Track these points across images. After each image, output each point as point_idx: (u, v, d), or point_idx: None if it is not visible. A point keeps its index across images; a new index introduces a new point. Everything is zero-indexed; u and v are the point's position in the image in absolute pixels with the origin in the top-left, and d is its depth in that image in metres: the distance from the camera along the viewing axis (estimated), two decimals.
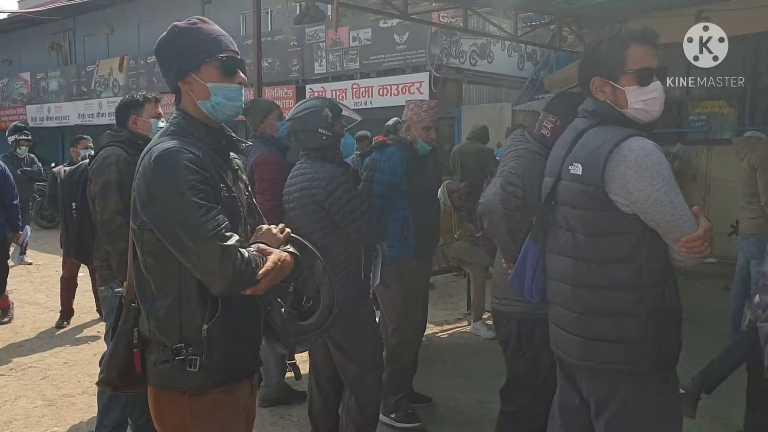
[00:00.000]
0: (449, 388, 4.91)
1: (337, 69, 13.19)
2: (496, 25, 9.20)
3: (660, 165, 2.17)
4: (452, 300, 7.61)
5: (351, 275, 3.54)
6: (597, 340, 2.30)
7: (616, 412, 2.30)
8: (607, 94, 2.33)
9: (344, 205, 3.46)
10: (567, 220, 2.37)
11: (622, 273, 2.23)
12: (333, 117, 3.60)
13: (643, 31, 2.37)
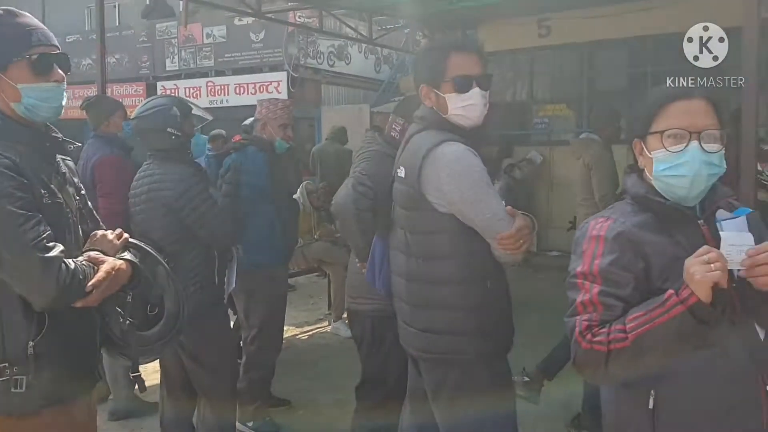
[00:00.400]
0: (308, 390, 4.88)
1: (191, 66, 12.78)
2: (351, 27, 9.28)
3: (471, 168, 2.29)
4: (313, 301, 7.58)
5: (204, 280, 3.41)
6: (427, 331, 2.41)
7: (449, 399, 2.43)
8: (432, 100, 2.43)
9: (195, 207, 3.33)
10: (400, 219, 2.49)
11: (445, 268, 2.35)
12: (182, 116, 3.45)
13: (463, 40, 2.51)
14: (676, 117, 1.69)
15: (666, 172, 1.69)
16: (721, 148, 1.69)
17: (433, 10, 8.31)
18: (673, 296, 1.54)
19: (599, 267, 1.67)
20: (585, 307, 1.66)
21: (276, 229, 4.03)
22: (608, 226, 1.73)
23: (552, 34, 9.10)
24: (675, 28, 7.87)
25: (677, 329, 1.53)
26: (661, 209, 1.72)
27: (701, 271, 1.50)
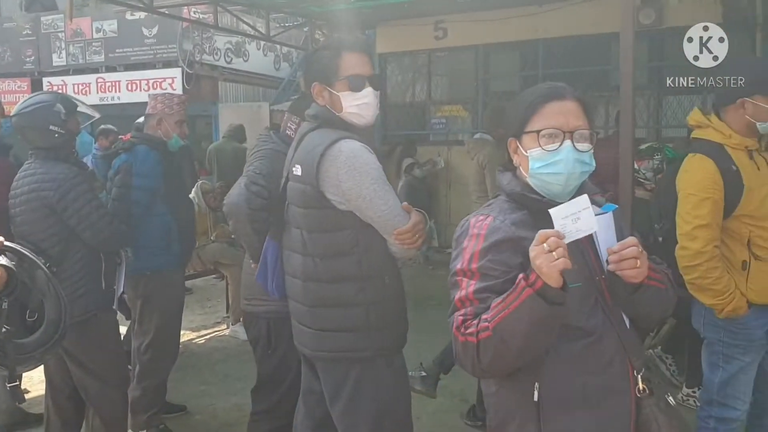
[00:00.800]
0: (205, 394, 4.79)
1: (79, 61, 12.18)
2: (248, 24, 9.14)
3: (368, 165, 2.33)
4: (211, 304, 7.42)
5: (89, 285, 3.29)
6: (325, 330, 2.43)
7: (349, 398, 2.44)
8: (325, 99, 2.45)
9: (79, 208, 3.19)
10: (296, 218, 2.48)
11: (343, 266, 2.38)
12: (66, 113, 3.30)
13: (355, 41, 2.54)
14: (551, 117, 1.75)
15: (542, 170, 1.75)
16: (590, 147, 1.77)
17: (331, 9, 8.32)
18: (521, 281, 1.60)
19: (477, 263, 1.72)
20: (462, 302, 1.70)
21: (172, 232, 3.91)
22: (487, 224, 1.76)
23: (448, 36, 9.31)
24: (563, 32, 8.34)
25: (530, 312, 1.57)
26: (536, 206, 1.76)
27: (546, 263, 1.55)
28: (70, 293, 3.20)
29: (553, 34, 8.49)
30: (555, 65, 8.72)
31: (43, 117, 3.25)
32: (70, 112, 3.34)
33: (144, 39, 11.48)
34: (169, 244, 3.91)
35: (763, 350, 2.93)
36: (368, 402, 2.43)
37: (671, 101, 8.42)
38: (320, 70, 2.46)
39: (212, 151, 9.07)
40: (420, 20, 9.06)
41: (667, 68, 8.31)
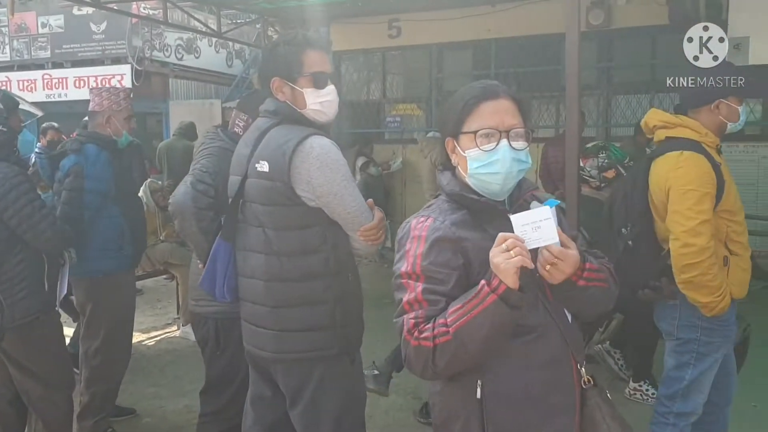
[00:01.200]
0: (155, 397, 4.70)
1: (24, 57, 11.84)
2: (199, 20, 9.00)
3: (339, 162, 2.33)
4: (161, 305, 7.29)
5: (31, 287, 3.19)
6: (288, 331, 2.39)
7: (311, 399, 2.41)
8: (286, 94, 2.42)
9: (20, 208, 3.09)
10: (257, 217, 2.41)
11: (311, 263, 2.35)
12: (7, 111, 3.19)
13: (318, 38, 2.51)
14: (486, 117, 1.75)
15: (480, 170, 1.76)
16: (526, 145, 1.78)
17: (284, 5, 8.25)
18: (485, 286, 1.61)
19: (421, 266, 1.71)
20: (411, 305, 1.70)
21: (125, 234, 3.80)
22: (428, 225, 1.76)
23: (402, 35, 9.33)
24: (515, 32, 8.43)
25: (492, 317, 1.60)
26: (475, 206, 1.78)
27: (503, 260, 1.58)
28: (11, 295, 3.13)
29: (505, 34, 8.58)
30: (507, 65, 8.82)
31: None
32: (11, 110, 3.23)
33: (92, 35, 11.23)
34: (122, 246, 3.80)
35: (732, 344, 2.99)
36: (331, 401, 2.41)
37: (620, 101, 8.59)
38: (282, 66, 2.42)
39: (162, 149, 8.91)
40: (374, 18, 9.05)
41: (616, 68, 8.49)
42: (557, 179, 5.95)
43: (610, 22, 7.95)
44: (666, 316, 2.95)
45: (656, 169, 2.84)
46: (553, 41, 7.98)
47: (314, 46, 2.44)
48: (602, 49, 8.47)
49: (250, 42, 10.59)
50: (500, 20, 8.40)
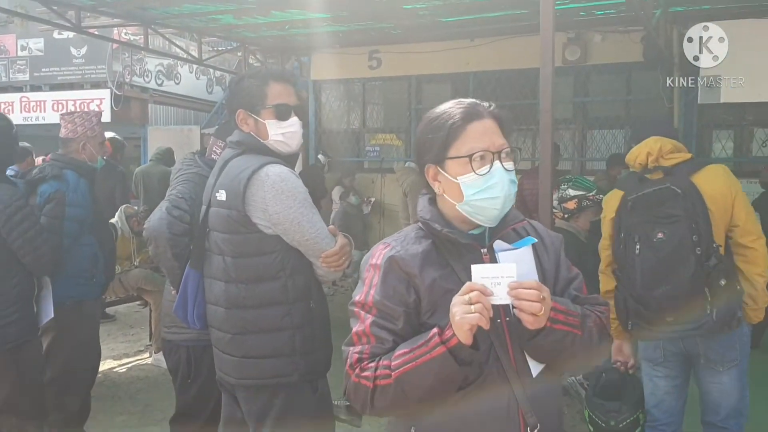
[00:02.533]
0: (125, 425, 4.62)
1: (2, 80, 11.77)
2: (180, 47, 9.04)
3: (296, 189, 2.35)
4: (134, 331, 7.18)
5: (23, 310, 3.21)
6: (249, 357, 2.40)
7: (273, 425, 2.40)
8: (250, 126, 2.48)
9: (24, 231, 3.12)
10: (218, 245, 2.45)
11: (269, 291, 2.37)
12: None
13: (282, 72, 2.58)
14: (476, 139, 1.64)
15: (478, 196, 1.62)
16: (515, 165, 1.68)
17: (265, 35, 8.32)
18: (435, 336, 1.50)
19: (373, 298, 1.62)
20: (359, 338, 1.62)
21: (98, 263, 3.76)
22: (385, 254, 1.66)
23: (383, 66, 9.43)
24: (493, 66, 8.57)
25: (438, 369, 1.49)
26: (439, 236, 1.66)
27: (460, 313, 1.45)
28: (5, 317, 3.12)
29: (483, 68, 8.71)
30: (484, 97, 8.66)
31: (11, 134, 3.23)
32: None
33: (72, 59, 11.21)
34: (94, 274, 3.75)
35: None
36: (292, 429, 2.40)
37: (595, 135, 8.73)
38: (246, 98, 2.48)
39: (139, 174, 8.84)
40: (355, 49, 9.15)
41: (591, 103, 8.64)
42: (532, 210, 6.02)
43: (587, 58, 8.11)
44: (729, 343, 2.92)
45: (708, 180, 2.86)
46: (531, 75, 8.10)
47: (278, 78, 2.50)
48: (578, 84, 8.63)
49: (231, 69, 10.64)
50: (479, 54, 8.54)
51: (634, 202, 2.91)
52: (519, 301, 1.49)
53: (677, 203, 2.80)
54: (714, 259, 2.76)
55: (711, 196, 2.82)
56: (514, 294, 1.49)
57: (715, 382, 2.99)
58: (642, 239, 2.85)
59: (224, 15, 6.96)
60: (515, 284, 1.49)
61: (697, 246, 2.76)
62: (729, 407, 3.00)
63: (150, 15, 6.99)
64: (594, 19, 7.46)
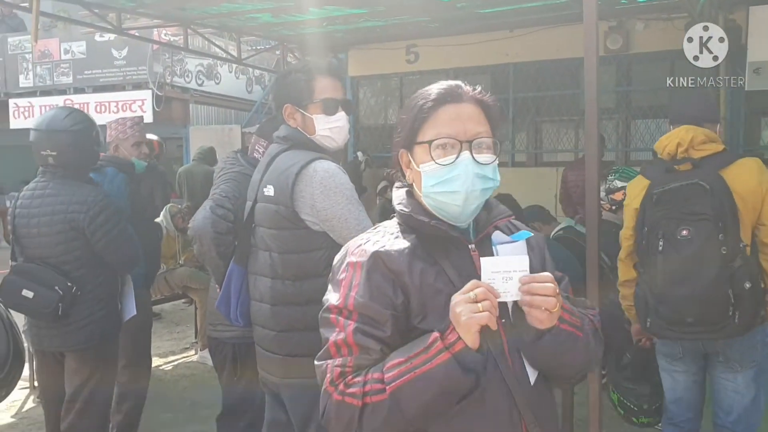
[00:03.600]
0: (172, 423, 4.68)
1: (47, 83, 12.03)
2: (219, 47, 9.11)
3: (343, 185, 2.33)
4: (179, 329, 7.29)
5: (109, 307, 3.31)
6: (294, 356, 2.37)
7: (319, 426, 2.37)
8: (297, 120, 2.46)
9: (108, 231, 3.21)
10: (264, 241, 2.44)
11: (316, 287, 2.33)
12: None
13: (329, 65, 2.54)
14: (445, 124, 1.48)
15: (437, 189, 1.47)
16: (494, 158, 1.50)
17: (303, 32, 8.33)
18: (437, 341, 1.33)
19: (355, 300, 1.43)
20: (339, 348, 1.41)
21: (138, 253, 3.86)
22: (366, 250, 1.47)
23: (420, 60, 9.36)
24: (533, 57, 8.44)
25: (441, 379, 1.31)
26: (426, 230, 1.48)
27: (467, 312, 1.29)
28: (90, 315, 3.24)
29: (523, 59, 8.58)
30: (525, 89, 8.82)
31: (91, 137, 3.32)
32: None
33: (114, 61, 11.39)
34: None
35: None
36: None
37: (639, 125, 8.54)
38: (293, 93, 2.47)
39: (182, 174, 8.97)
40: (392, 44, 9.10)
41: (634, 92, 8.45)
42: (578, 203, 5.93)
43: (629, 46, 7.93)
44: (750, 344, 2.86)
45: (739, 176, 2.76)
46: (572, 65, 7.98)
47: (325, 73, 2.48)
48: (621, 73, 8.45)
49: (270, 68, 10.70)
50: (518, 45, 8.41)
51: (659, 196, 2.81)
52: (532, 297, 1.34)
53: (705, 200, 2.70)
54: (739, 260, 2.66)
55: (739, 193, 2.72)
56: (527, 289, 1.34)
57: (730, 381, 2.90)
58: (666, 236, 2.75)
59: (262, 14, 6.98)
60: (528, 278, 1.35)
61: (723, 245, 2.65)
62: (742, 408, 2.91)
63: (189, 15, 7.05)
64: (636, 6, 7.28)
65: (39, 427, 4.42)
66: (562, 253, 4.09)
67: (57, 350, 3.34)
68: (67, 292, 3.13)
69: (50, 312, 3.12)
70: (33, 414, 4.86)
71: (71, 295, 3.15)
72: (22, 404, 5.08)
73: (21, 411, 4.97)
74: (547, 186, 8.04)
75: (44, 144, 3.25)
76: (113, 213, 3.28)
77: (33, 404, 5.06)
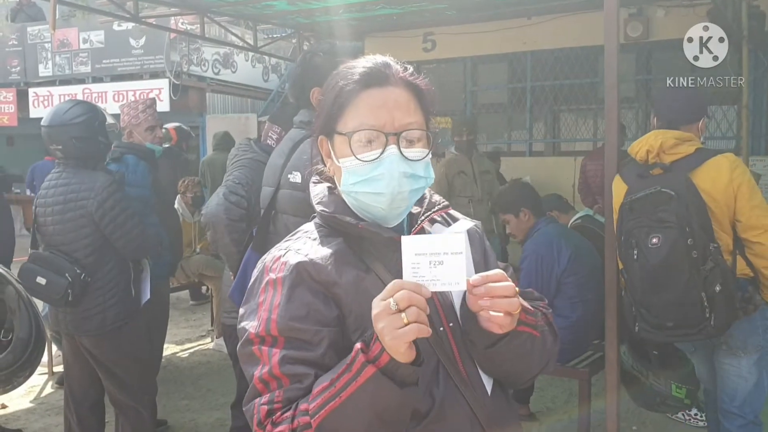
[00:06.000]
0: (187, 409, 4.71)
1: (66, 72, 12.11)
2: (236, 35, 9.10)
3: None
4: (195, 317, 7.33)
5: (121, 293, 3.33)
6: None
7: None
8: None
9: (116, 216, 3.23)
10: (287, 228, 2.38)
11: None
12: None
13: (354, 48, 2.48)
14: (369, 112, 1.26)
15: (357, 188, 1.27)
16: (427, 153, 1.29)
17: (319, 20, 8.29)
18: (359, 353, 1.11)
19: (278, 324, 1.20)
20: (266, 384, 1.18)
21: (163, 242, 3.89)
22: (286, 263, 1.26)
23: (437, 48, 9.29)
24: (551, 44, 8.34)
25: (373, 400, 1.09)
26: (353, 232, 1.28)
27: (390, 329, 1.07)
28: (103, 301, 3.27)
29: (541, 47, 8.49)
30: (543, 77, 8.73)
31: (94, 127, 3.33)
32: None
33: (131, 50, 11.43)
34: (160, 253, 3.88)
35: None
36: None
37: None
38: (323, 75, 2.40)
39: (205, 164, 8.99)
40: (408, 32, 9.03)
41: (655, 81, 8.33)
42: (596, 193, 5.87)
43: (649, 34, 7.81)
44: (751, 329, 2.91)
45: (708, 176, 2.80)
46: (591, 53, 7.88)
47: (351, 55, 2.43)
48: (641, 61, 8.33)
49: (286, 56, 10.68)
50: (536, 33, 8.32)
51: (631, 205, 2.88)
52: (492, 300, 1.14)
53: (670, 207, 2.75)
54: (710, 263, 2.70)
55: (710, 194, 2.76)
56: (484, 291, 1.15)
57: (734, 366, 2.96)
58: (638, 244, 2.83)
59: (278, 1, 6.95)
60: (480, 278, 1.16)
61: (692, 250, 2.69)
62: (746, 393, 2.97)
63: (205, 3, 7.04)
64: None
65: (57, 411, 4.46)
66: (580, 242, 4.05)
67: (72, 335, 3.38)
68: (76, 278, 3.17)
69: (61, 298, 3.18)
70: (51, 399, 4.91)
71: (81, 282, 3.19)
72: (40, 389, 5.13)
73: (39, 396, 5.02)
74: (564, 176, 7.97)
75: (50, 139, 3.35)
76: (121, 199, 3.30)
77: (51, 389, 5.11)
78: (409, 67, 1.35)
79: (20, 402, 4.84)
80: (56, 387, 5.07)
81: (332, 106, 1.30)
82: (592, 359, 3.92)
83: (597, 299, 3.51)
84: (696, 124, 3.04)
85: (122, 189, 3.40)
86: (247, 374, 1.23)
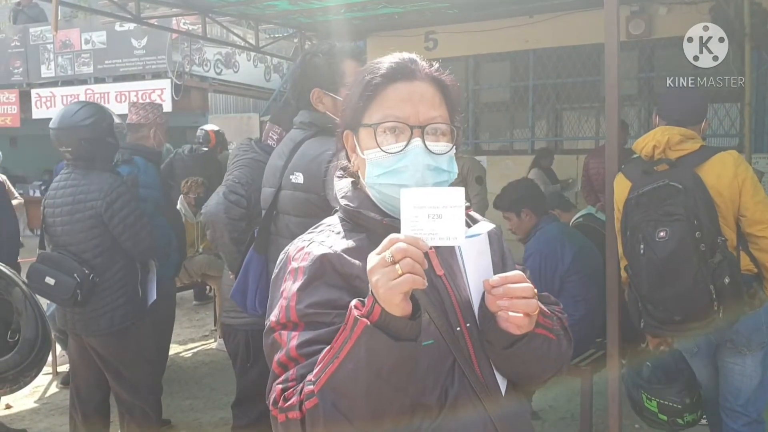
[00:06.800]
0: (190, 409, 4.72)
1: (68, 73, 12.13)
2: (237, 35, 9.11)
3: None
4: (199, 317, 7.34)
5: (128, 294, 3.35)
6: None
7: None
8: (327, 105, 2.40)
9: (124, 217, 3.25)
10: (289, 229, 2.39)
11: None
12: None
13: (354, 49, 2.50)
14: (395, 105, 1.28)
15: (381, 180, 1.28)
16: (451, 147, 1.30)
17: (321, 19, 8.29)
18: (353, 310, 1.11)
19: (298, 309, 1.22)
20: (283, 366, 1.20)
21: (172, 243, 3.93)
22: (309, 253, 1.27)
23: (439, 47, 9.29)
24: (553, 43, 8.33)
25: (368, 357, 1.07)
26: (377, 228, 1.28)
27: (384, 281, 1.06)
28: (112, 301, 3.29)
29: (543, 45, 8.48)
30: (545, 75, 8.72)
31: (103, 128, 3.35)
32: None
33: (133, 50, 11.44)
34: (169, 254, 3.92)
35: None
36: None
37: None
38: (323, 75, 2.40)
39: None
40: (410, 31, 9.03)
41: (657, 78, 8.31)
42: (599, 191, 5.87)
43: (651, 31, 7.80)
44: (755, 326, 2.91)
45: (714, 171, 2.80)
46: (593, 51, 7.87)
47: (353, 56, 2.43)
48: (643, 59, 8.32)
49: (288, 56, 10.68)
50: (538, 31, 8.31)
51: (637, 200, 2.87)
52: (512, 301, 1.17)
53: (678, 200, 2.74)
54: (719, 256, 2.70)
55: (716, 188, 2.77)
56: (504, 291, 1.17)
57: (738, 365, 2.95)
58: (645, 239, 2.81)
59: (280, 1, 6.95)
60: (500, 278, 1.18)
61: (700, 243, 2.69)
62: (750, 391, 2.96)
63: (207, 3, 7.04)
64: None
65: (61, 411, 4.48)
66: (583, 241, 4.05)
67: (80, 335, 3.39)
68: (84, 279, 3.18)
69: (69, 298, 3.19)
70: (55, 399, 4.93)
71: (89, 282, 3.20)
72: (44, 390, 5.14)
73: (44, 396, 5.03)
74: (567, 174, 7.97)
75: (59, 141, 3.36)
76: (130, 200, 3.32)
77: (55, 389, 5.13)
78: (434, 63, 1.37)
79: (24, 402, 4.86)
80: (60, 387, 5.08)
81: (359, 100, 1.32)
82: (594, 357, 3.92)
83: (599, 298, 3.51)
84: (700, 125, 3.07)
85: (131, 190, 3.42)
86: (270, 363, 1.25)
